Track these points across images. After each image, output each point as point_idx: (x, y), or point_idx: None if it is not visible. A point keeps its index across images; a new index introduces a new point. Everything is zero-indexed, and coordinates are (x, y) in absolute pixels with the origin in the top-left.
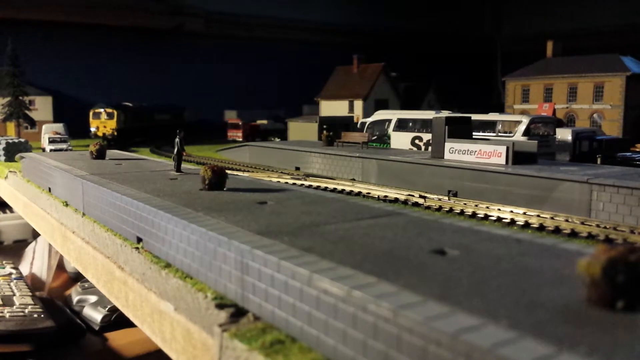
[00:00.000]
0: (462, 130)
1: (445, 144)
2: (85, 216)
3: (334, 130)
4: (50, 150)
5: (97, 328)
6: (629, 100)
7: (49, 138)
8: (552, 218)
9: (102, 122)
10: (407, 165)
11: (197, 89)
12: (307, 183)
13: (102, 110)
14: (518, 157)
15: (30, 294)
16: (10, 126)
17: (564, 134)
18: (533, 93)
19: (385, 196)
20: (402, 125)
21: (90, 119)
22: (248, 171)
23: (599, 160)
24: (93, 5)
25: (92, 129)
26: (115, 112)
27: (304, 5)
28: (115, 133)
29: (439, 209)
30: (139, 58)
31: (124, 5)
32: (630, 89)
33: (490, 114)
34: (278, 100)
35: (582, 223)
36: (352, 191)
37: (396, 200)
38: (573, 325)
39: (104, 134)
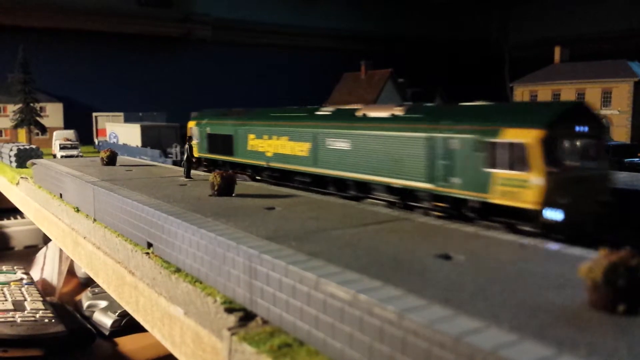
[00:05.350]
0: None
1: None
2: (96, 222)
3: None
4: (61, 156)
5: (107, 333)
6: (637, 106)
7: (59, 144)
8: None
9: None
10: None
11: (205, 95)
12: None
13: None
14: None
15: (41, 299)
16: (22, 133)
17: None
18: (541, 99)
19: None
20: None
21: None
22: None
23: None
24: (102, 12)
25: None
26: None
27: (311, 11)
28: None
29: None
30: (148, 65)
31: (133, 12)
32: (638, 95)
33: None
34: (284, 105)
35: None
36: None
37: None
38: (574, 328)
39: None
